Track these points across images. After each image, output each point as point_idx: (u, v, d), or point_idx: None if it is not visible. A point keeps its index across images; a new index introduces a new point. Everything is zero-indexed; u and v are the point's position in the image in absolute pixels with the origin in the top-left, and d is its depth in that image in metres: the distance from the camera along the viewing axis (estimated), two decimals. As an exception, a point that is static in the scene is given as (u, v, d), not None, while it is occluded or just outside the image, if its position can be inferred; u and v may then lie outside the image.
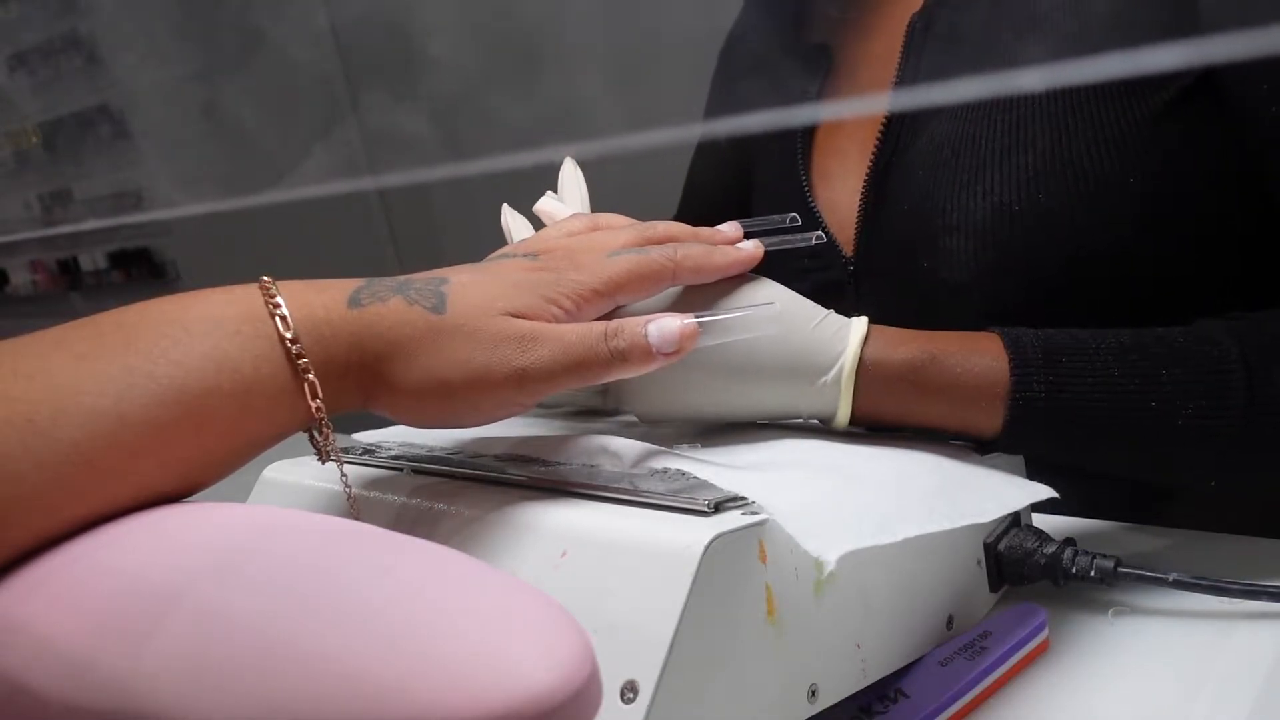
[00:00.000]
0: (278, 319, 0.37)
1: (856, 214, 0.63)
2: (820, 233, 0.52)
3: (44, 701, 0.29)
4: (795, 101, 0.72)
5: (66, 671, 0.29)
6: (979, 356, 0.48)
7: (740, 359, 0.46)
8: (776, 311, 0.46)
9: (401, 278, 0.42)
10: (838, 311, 0.48)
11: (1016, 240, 0.55)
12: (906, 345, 0.48)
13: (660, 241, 0.48)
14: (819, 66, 0.69)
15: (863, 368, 0.47)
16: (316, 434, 0.39)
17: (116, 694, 0.28)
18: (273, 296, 0.38)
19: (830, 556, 0.36)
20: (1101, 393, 0.47)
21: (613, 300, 0.44)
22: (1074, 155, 0.54)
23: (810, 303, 0.48)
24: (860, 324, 0.48)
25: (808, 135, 0.69)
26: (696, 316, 0.43)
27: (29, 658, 0.29)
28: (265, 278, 0.39)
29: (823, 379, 0.47)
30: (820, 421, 0.49)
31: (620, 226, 0.50)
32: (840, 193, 0.66)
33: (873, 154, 0.62)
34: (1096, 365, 0.47)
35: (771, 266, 0.49)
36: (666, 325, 0.42)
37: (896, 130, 0.62)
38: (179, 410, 0.34)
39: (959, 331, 0.49)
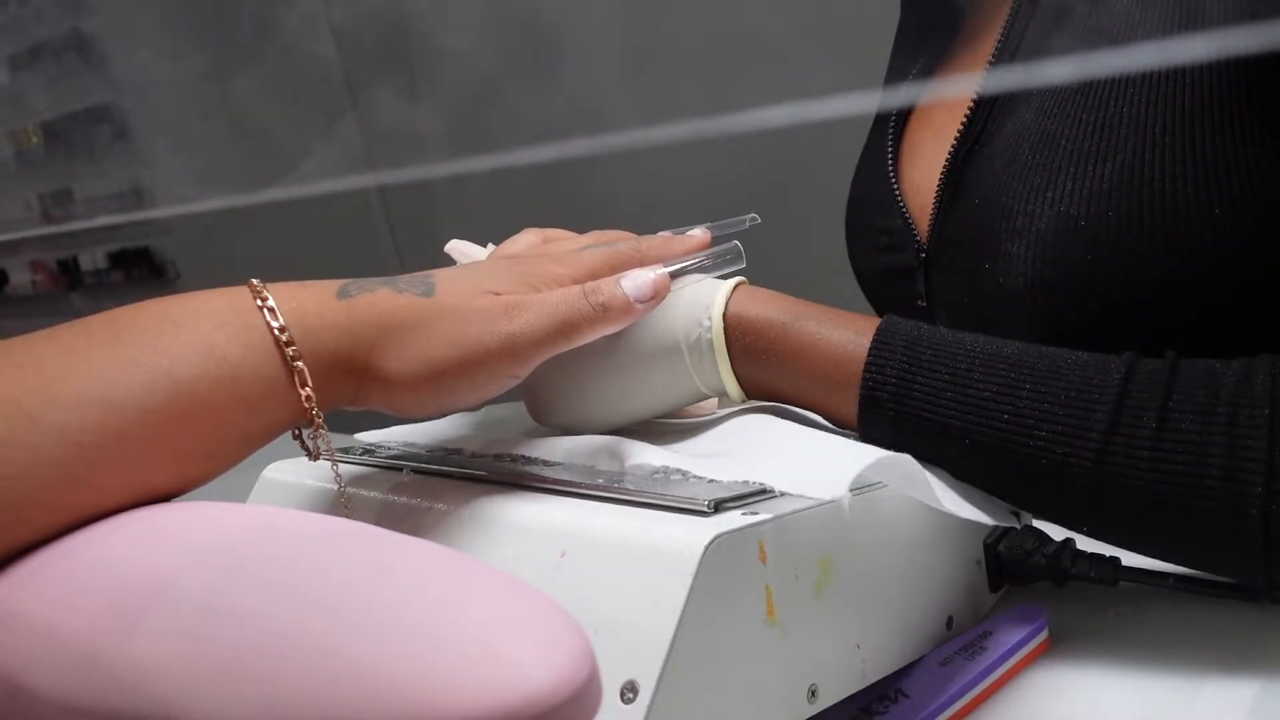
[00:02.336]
0: (265, 310, 0.38)
1: (933, 200, 0.60)
2: (755, 215, 0.53)
3: (44, 700, 0.29)
4: (906, 66, 0.69)
5: (65, 669, 0.29)
6: (845, 330, 0.47)
7: (622, 338, 0.48)
8: (738, 251, 0.49)
9: (388, 277, 0.43)
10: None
11: (1079, 257, 0.51)
12: (773, 303, 0.48)
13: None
14: (943, 31, 0.66)
15: (729, 323, 0.47)
16: (306, 431, 0.40)
17: (115, 691, 0.28)
18: (260, 291, 0.39)
19: (840, 492, 0.36)
20: (952, 393, 0.44)
21: None
22: (1155, 174, 0.48)
23: (701, 277, 0.50)
24: (730, 282, 0.49)
25: (905, 108, 0.66)
26: (665, 266, 0.46)
27: (27, 655, 0.30)
28: (254, 280, 0.39)
29: (695, 334, 0.47)
30: (716, 393, 0.50)
31: (569, 236, 0.54)
32: (926, 174, 0.62)
33: (955, 139, 0.58)
34: (959, 365, 0.44)
35: (859, 241, 0.51)
36: (640, 276, 0.45)
37: (984, 115, 0.57)
38: (166, 398, 0.34)
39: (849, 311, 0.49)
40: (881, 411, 0.45)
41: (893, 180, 0.64)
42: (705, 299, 0.48)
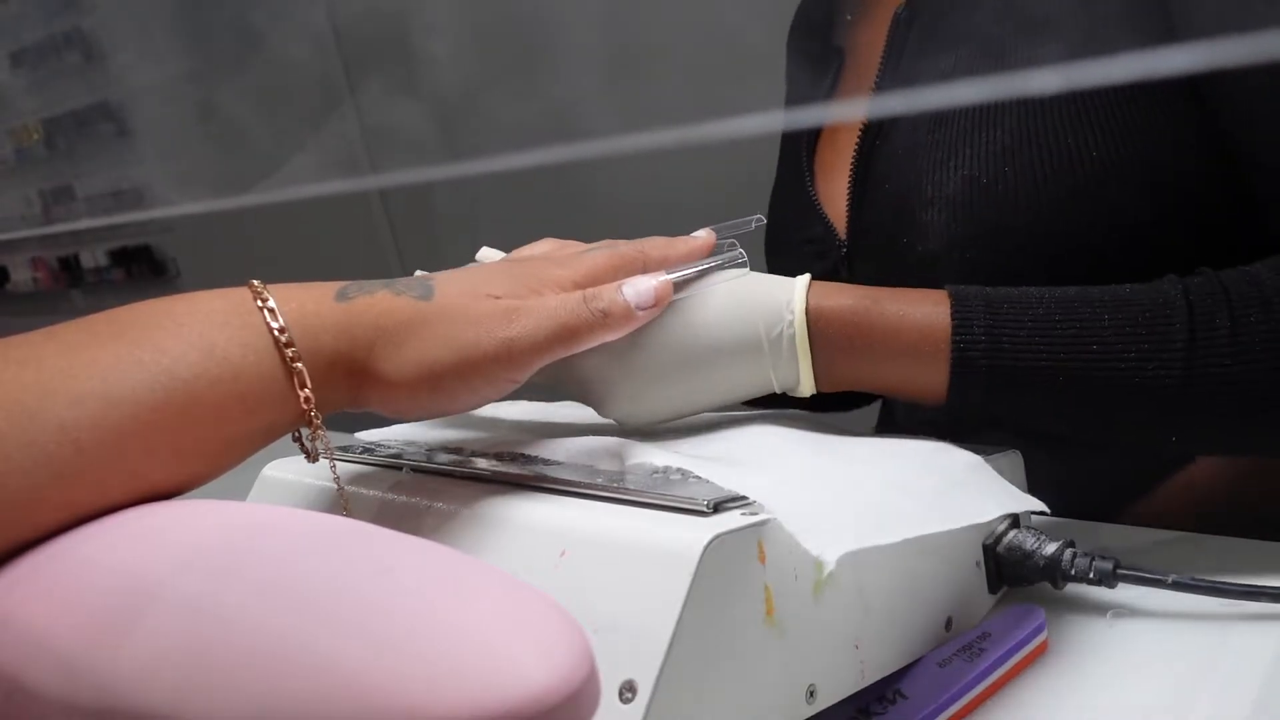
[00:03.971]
0: (265, 311, 0.38)
1: (846, 199, 0.66)
2: (760, 216, 0.54)
3: (43, 699, 0.29)
4: (806, 101, 0.75)
5: (62, 669, 0.29)
6: (922, 305, 0.48)
7: (700, 337, 0.47)
8: (740, 257, 0.49)
9: (388, 280, 0.43)
10: None
11: (986, 211, 0.56)
12: (848, 292, 0.49)
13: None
14: (830, 66, 0.72)
15: (810, 316, 0.48)
16: (305, 431, 0.40)
17: (110, 692, 0.28)
18: (260, 292, 0.39)
19: (830, 556, 0.36)
20: (1041, 339, 0.47)
21: None
22: (1041, 130, 0.55)
23: (759, 274, 0.50)
24: (802, 278, 0.49)
25: (814, 132, 0.72)
26: (667, 273, 0.47)
27: (25, 655, 0.30)
28: (254, 281, 0.39)
29: (777, 330, 0.48)
30: (789, 392, 0.50)
31: (585, 247, 0.54)
32: (837, 183, 0.67)
33: (856, 142, 0.65)
34: (1038, 312, 0.47)
35: (784, 258, 0.51)
36: (641, 283, 0.45)
37: (877, 122, 0.64)
38: (165, 394, 0.34)
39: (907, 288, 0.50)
40: (974, 370, 0.47)
41: (811, 192, 0.69)
42: (783, 296, 0.48)
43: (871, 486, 0.42)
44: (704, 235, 0.52)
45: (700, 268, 0.49)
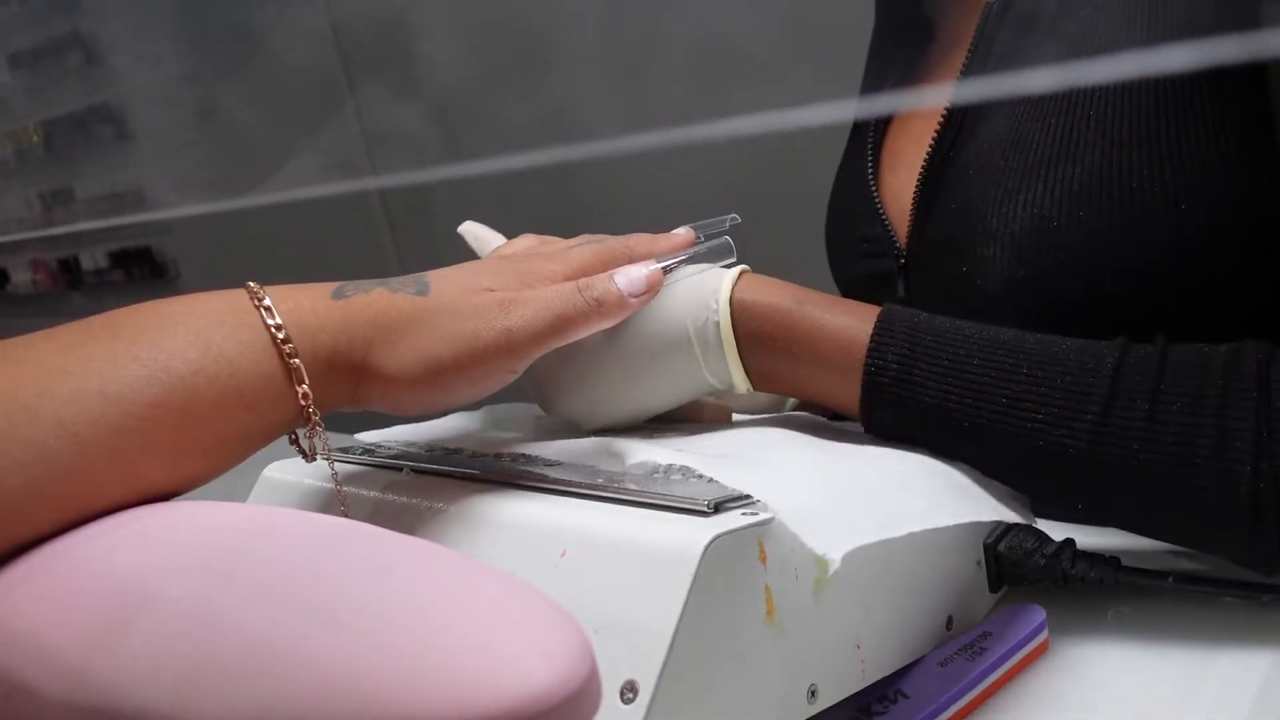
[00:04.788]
0: (262, 310, 0.38)
1: (911, 206, 0.62)
2: (735, 215, 0.53)
3: (43, 700, 0.29)
4: (882, 77, 0.71)
5: (60, 670, 0.29)
6: (848, 317, 0.47)
7: (631, 331, 0.48)
8: (728, 247, 0.49)
9: (384, 278, 0.44)
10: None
11: (1053, 257, 0.52)
12: (776, 290, 0.48)
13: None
14: (917, 41, 0.67)
15: (735, 309, 0.48)
16: (303, 432, 0.40)
17: (109, 694, 0.28)
18: (257, 293, 0.39)
19: (835, 554, 0.36)
20: (953, 379, 0.45)
21: None
22: (1121, 174, 0.50)
23: (698, 267, 0.50)
24: (733, 270, 0.49)
25: (886, 114, 0.68)
26: (658, 261, 0.47)
27: (24, 656, 0.29)
28: (251, 283, 0.40)
29: (703, 318, 0.47)
30: (728, 389, 0.50)
31: (564, 243, 0.54)
32: (904, 181, 0.64)
33: (930, 147, 0.60)
34: (958, 351, 0.45)
35: (839, 251, 0.52)
36: (633, 272, 0.45)
37: (956, 124, 0.59)
38: (162, 391, 0.35)
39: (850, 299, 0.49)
40: (883, 396, 0.46)
41: (873, 188, 0.65)
42: (711, 285, 0.48)
43: (874, 484, 0.42)
44: (683, 232, 0.52)
45: (689, 256, 0.49)
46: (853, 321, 0.47)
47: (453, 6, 1.49)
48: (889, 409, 0.46)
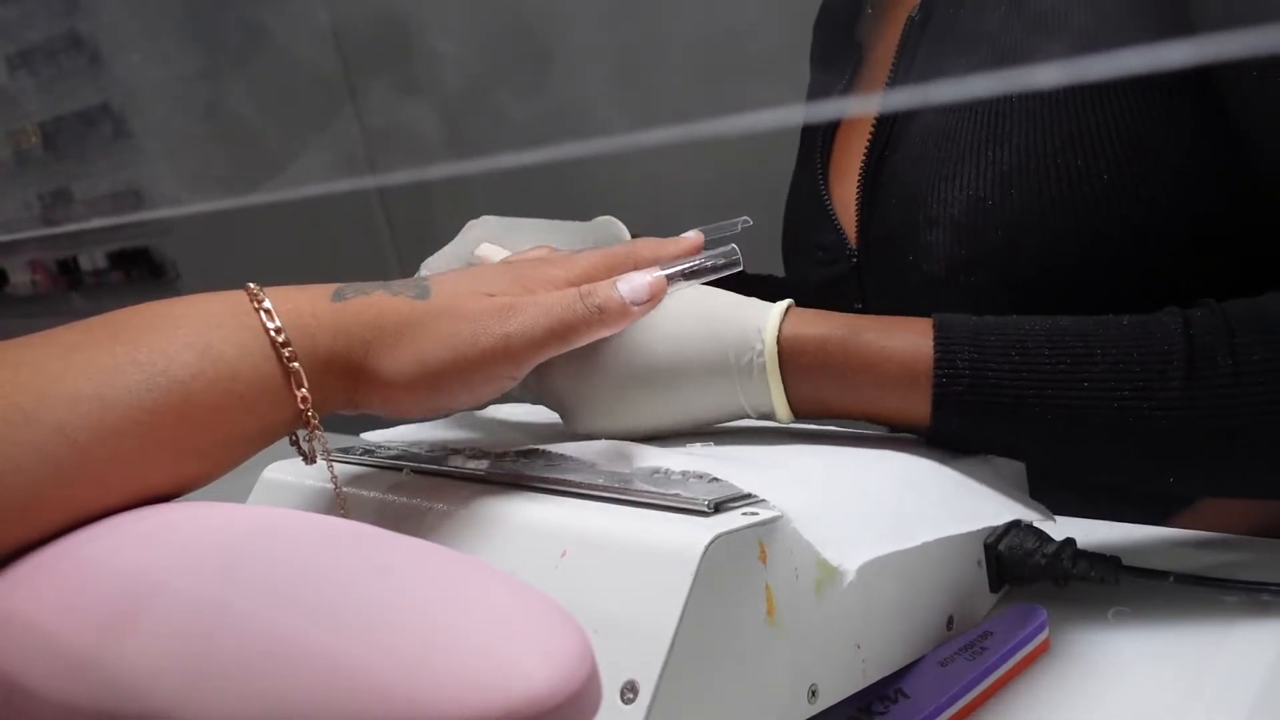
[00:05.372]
0: (261, 312, 0.38)
1: (855, 208, 0.65)
2: (747, 218, 0.53)
3: (43, 700, 0.29)
4: (823, 95, 0.74)
5: (61, 670, 0.29)
6: (904, 334, 0.47)
7: (667, 355, 0.47)
8: (735, 255, 0.48)
9: (384, 281, 0.43)
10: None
11: (991, 235, 0.55)
12: (826, 321, 0.48)
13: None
14: (848, 62, 0.71)
15: (783, 344, 0.47)
16: (303, 433, 0.40)
17: (111, 694, 0.28)
18: (256, 294, 0.39)
19: (850, 565, 0.36)
20: (1028, 373, 0.45)
21: None
22: (1049, 151, 0.53)
23: (734, 294, 0.49)
24: (780, 304, 0.48)
25: (829, 132, 0.71)
26: (662, 269, 0.46)
27: (24, 656, 0.29)
28: (250, 284, 0.40)
29: (747, 357, 0.47)
30: (766, 418, 0.49)
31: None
32: (850, 188, 0.66)
33: (865, 150, 0.63)
34: (1026, 345, 0.45)
35: (797, 260, 0.49)
36: (636, 278, 0.44)
37: (888, 126, 0.63)
38: (162, 395, 0.35)
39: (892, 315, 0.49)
40: (957, 403, 0.46)
41: (824, 195, 0.68)
42: (756, 321, 0.47)
43: (884, 488, 0.42)
44: (692, 236, 0.52)
45: (694, 264, 0.48)
46: (912, 338, 0.47)
47: (453, 5, 1.49)
48: (963, 415, 0.46)
